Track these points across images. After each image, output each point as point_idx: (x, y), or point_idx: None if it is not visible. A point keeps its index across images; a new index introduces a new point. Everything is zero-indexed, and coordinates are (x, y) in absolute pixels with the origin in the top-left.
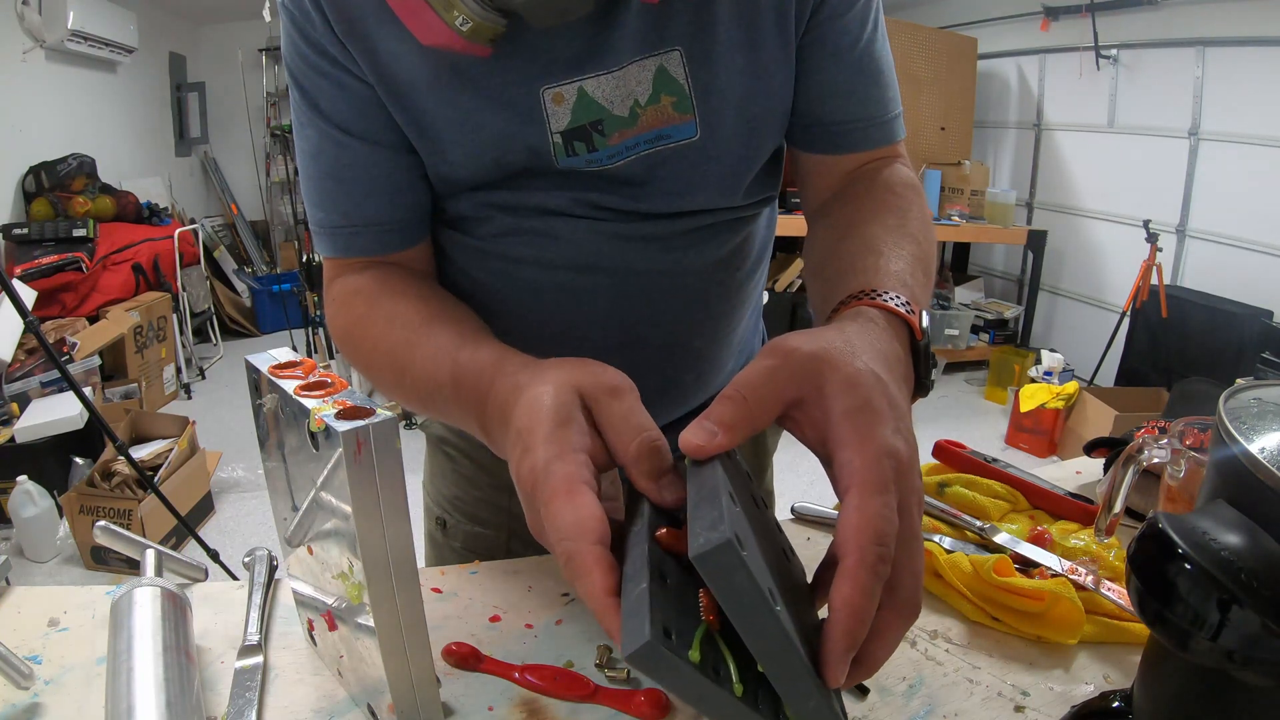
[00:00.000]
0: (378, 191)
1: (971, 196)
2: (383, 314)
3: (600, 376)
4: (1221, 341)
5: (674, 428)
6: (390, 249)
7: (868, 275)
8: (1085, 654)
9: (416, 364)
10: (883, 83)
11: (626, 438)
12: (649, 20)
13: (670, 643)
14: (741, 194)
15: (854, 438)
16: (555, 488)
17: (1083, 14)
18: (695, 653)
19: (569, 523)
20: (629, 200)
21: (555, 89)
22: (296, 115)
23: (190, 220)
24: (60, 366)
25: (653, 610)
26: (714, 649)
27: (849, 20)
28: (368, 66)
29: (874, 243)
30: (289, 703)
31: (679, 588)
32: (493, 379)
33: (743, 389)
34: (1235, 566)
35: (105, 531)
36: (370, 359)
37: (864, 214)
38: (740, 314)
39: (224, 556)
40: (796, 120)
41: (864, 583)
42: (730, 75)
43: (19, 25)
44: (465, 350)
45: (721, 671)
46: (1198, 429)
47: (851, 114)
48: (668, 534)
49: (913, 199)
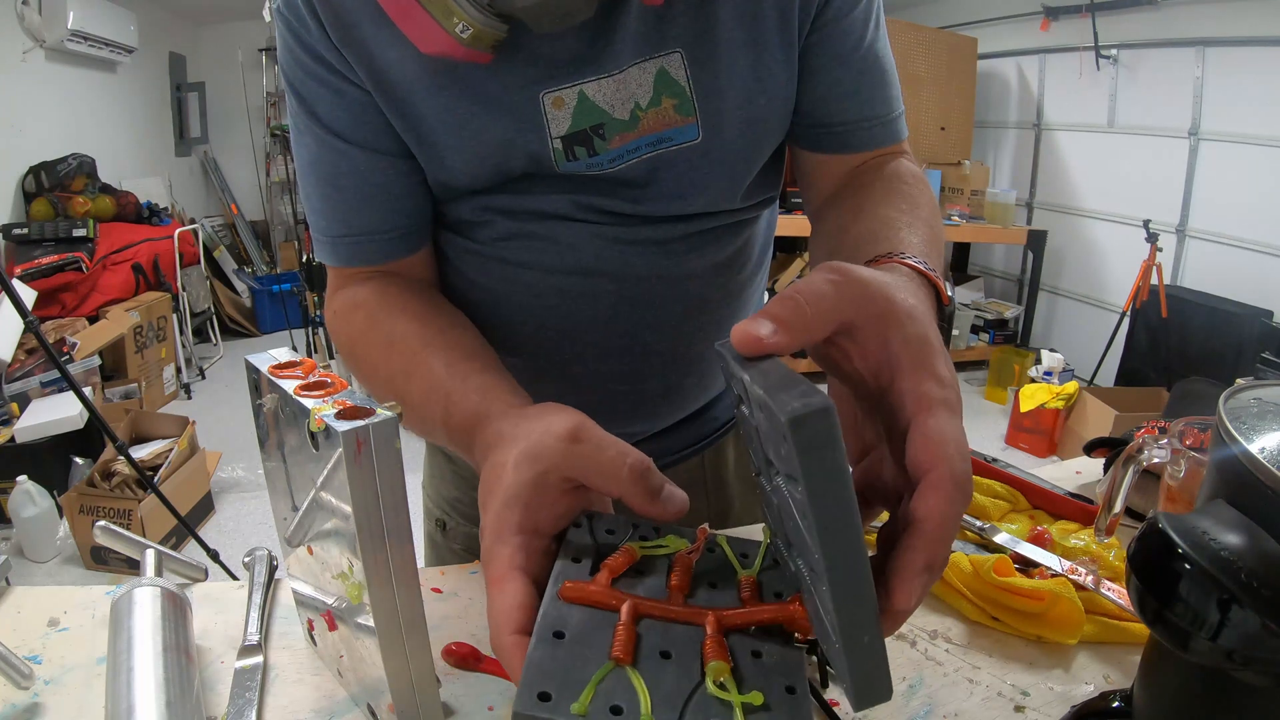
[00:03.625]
0: (377, 199)
1: (971, 196)
2: (381, 336)
3: (553, 429)
4: (1221, 341)
5: (673, 431)
6: (392, 257)
7: (890, 244)
8: (1085, 654)
9: (413, 396)
10: (886, 81)
11: (611, 474)
12: (650, 22)
13: (548, 705)
14: (742, 196)
15: (919, 365)
16: (490, 575)
17: (1083, 14)
18: (581, 706)
19: (494, 612)
20: (630, 204)
21: (555, 93)
22: (294, 123)
23: (190, 220)
24: (60, 366)
25: (527, 679)
26: (624, 683)
27: (853, 20)
28: (364, 73)
29: (890, 220)
30: (289, 703)
31: (583, 637)
32: (475, 429)
33: (803, 294)
34: (1235, 566)
35: (105, 531)
36: (371, 382)
37: (875, 198)
38: (741, 317)
39: (224, 556)
40: (801, 121)
41: (951, 494)
42: (732, 77)
43: (19, 25)
44: (455, 386)
45: (627, 710)
46: (1198, 429)
47: (858, 114)
48: (571, 588)
49: (922, 189)
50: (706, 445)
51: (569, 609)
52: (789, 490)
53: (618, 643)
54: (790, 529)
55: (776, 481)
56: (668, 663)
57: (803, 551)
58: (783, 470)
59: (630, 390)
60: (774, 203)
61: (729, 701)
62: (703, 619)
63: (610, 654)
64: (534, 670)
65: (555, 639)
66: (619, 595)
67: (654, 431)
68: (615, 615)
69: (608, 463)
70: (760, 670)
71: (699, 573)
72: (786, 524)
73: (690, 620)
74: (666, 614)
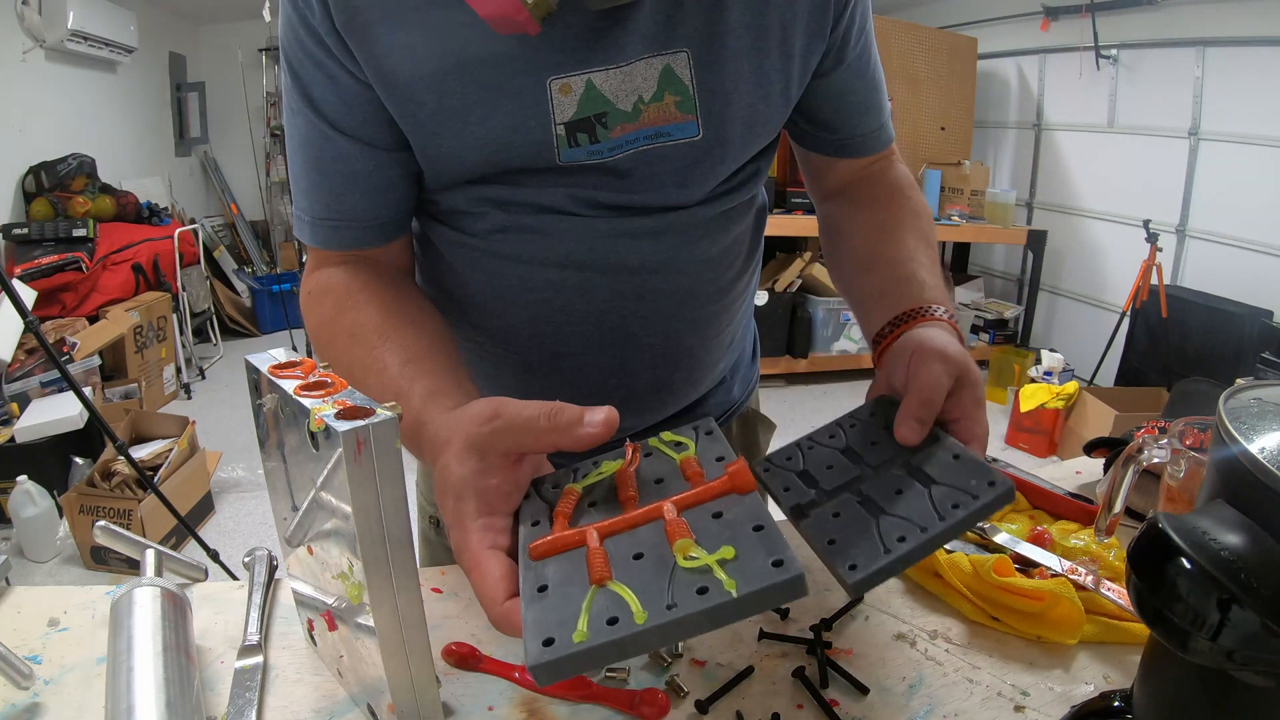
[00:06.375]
0: (359, 188)
1: (971, 196)
2: (345, 326)
3: (475, 417)
4: (1221, 341)
5: (667, 425)
6: (367, 244)
7: (918, 290)
8: (1085, 654)
9: (370, 390)
10: (880, 87)
11: (533, 429)
12: (660, 21)
13: (552, 647)
14: (732, 192)
15: (977, 413)
16: (467, 564)
17: (1083, 14)
18: (580, 633)
19: (482, 590)
20: (624, 195)
21: (563, 80)
22: (288, 101)
23: (190, 220)
24: (60, 366)
25: (529, 636)
26: (611, 598)
27: (866, 36)
28: (364, 59)
29: (911, 258)
30: (289, 703)
31: (563, 580)
32: (419, 435)
33: (931, 391)
34: (1235, 566)
35: (105, 531)
36: (333, 368)
37: (892, 219)
38: (731, 313)
39: (224, 556)
40: (824, 133)
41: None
42: (735, 80)
43: (19, 25)
44: (404, 387)
45: (621, 617)
46: (1198, 429)
47: (867, 126)
48: (537, 545)
49: (918, 196)
50: None
51: (543, 564)
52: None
53: (592, 567)
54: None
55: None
56: (641, 562)
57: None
58: (898, 460)
59: (619, 384)
60: (760, 201)
61: (707, 566)
62: (659, 512)
63: (590, 580)
64: (532, 626)
65: (540, 594)
66: (579, 530)
67: (642, 428)
68: (584, 548)
69: (526, 422)
70: (726, 526)
71: (644, 479)
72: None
73: (650, 519)
74: (626, 524)
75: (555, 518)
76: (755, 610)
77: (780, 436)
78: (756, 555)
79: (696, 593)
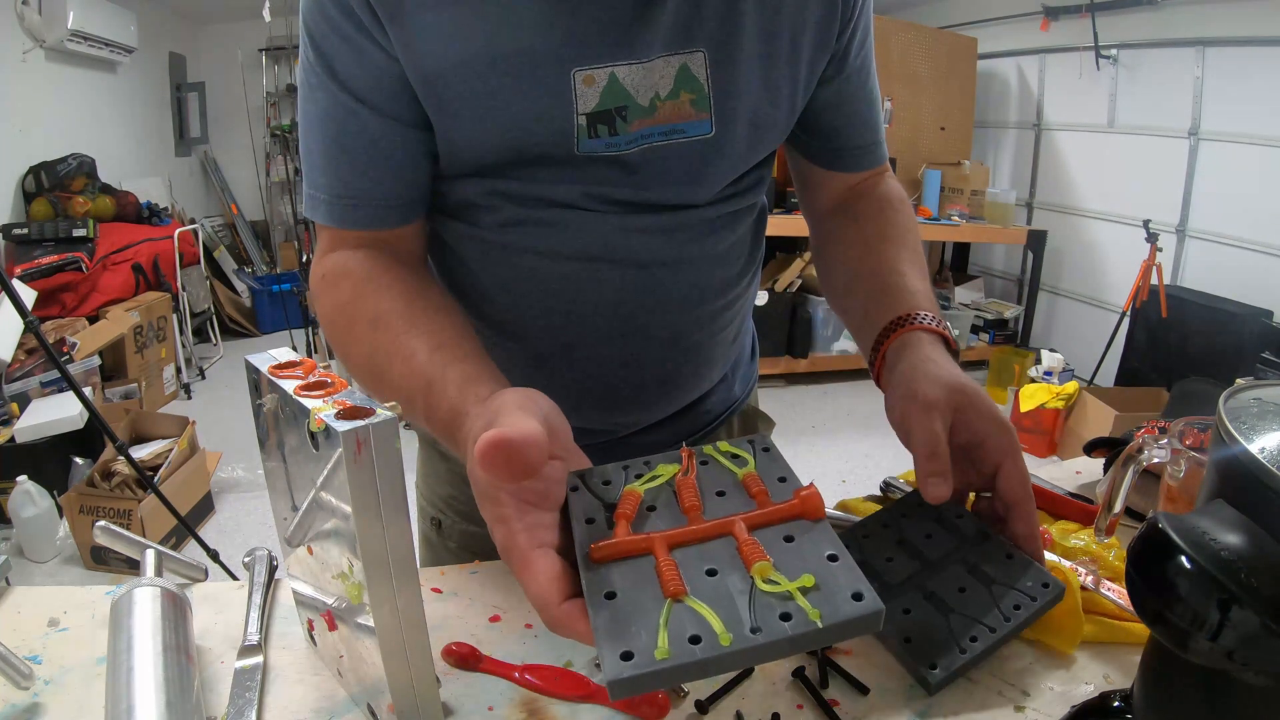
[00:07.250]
0: (382, 165)
1: (971, 196)
2: (366, 311)
3: (517, 407)
4: (1221, 341)
5: (667, 424)
6: (386, 225)
7: (907, 297)
8: (1085, 654)
9: (394, 377)
10: (876, 103)
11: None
12: (681, 21)
13: (633, 662)
14: (738, 192)
15: (999, 430)
16: (515, 565)
17: (1083, 14)
18: (663, 650)
19: (535, 592)
20: (634, 191)
21: (587, 71)
22: (306, 76)
23: (190, 220)
24: (60, 366)
25: (605, 647)
26: (689, 614)
27: (866, 50)
28: (396, 35)
29: (892, 272)
30: (289, 703)
31: (632, 587)
32: (455, 426)
33: (937, 445)
34: (1235, 566)
35: (105, 531)
36: (348, 355)
37: (881, 233)
38: (735, 309)
39: (224, 556)
40: (823, 144)
41: (1032, 517)
42: (747, 83)
43: (19, 25)
44: (435, 374)
45: (704, 636)
46: (1198, 429)
47: (861, 138)
48: (599, 548)
49: (907, 213)
50: (700, 439)
51: (606, 569)
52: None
53: (666, 580)
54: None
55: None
56: (716, 579)
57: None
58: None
59: (629, 376)
60: (762, 201)
61: (788, 592)
62: (729, 528)
63: (665, 593)
64: (605, 636)
65: (609, 600)
66: (645, 537)
67: (649, 423)
68: (651, 556)
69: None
70: (797, 552)
71: (705, 489)
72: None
73: (718, 534)
74: (695, 536)
75: (617, 520)
76: (834, 640)
77: (780, 436)
78: (837, 586)
79: (779, 618)
